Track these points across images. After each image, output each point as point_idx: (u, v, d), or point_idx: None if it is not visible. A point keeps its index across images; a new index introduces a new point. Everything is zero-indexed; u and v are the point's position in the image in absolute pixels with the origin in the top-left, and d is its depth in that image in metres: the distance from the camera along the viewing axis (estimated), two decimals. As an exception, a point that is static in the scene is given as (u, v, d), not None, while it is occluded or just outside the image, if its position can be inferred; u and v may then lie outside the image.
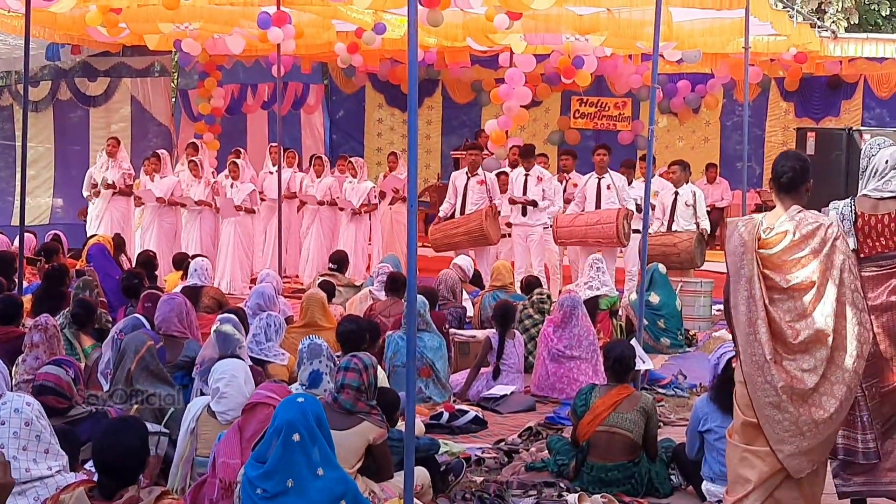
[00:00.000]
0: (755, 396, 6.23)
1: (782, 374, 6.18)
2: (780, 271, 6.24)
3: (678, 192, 15.67)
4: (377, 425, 6.85)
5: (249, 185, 18.29)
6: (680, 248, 15.08)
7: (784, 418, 6.20)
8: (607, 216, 15.10)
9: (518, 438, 9.26)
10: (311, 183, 19.17)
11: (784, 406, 6.18)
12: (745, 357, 6.26)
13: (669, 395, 11.16)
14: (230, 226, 18.01)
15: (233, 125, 23.53)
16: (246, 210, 18.06)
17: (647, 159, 11.18)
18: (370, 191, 18.66)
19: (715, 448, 7.61)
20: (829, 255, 6.19)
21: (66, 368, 7.10)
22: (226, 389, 6.95)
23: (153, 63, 23.27)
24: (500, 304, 11.52)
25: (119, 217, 18.28)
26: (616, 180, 15.59)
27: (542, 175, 16.23)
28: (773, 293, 6.24)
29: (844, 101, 22.55)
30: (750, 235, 6.23)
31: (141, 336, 8.41)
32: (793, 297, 6.23)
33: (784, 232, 6.26)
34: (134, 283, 12.10)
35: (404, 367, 8.79)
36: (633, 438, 7.86)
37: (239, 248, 18.00)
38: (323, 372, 7.44)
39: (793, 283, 6.22)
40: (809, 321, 6.19)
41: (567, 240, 15.61)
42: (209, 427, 6.93)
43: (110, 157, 18.25)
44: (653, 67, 11.51)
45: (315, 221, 18.96)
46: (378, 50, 20.21)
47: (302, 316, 11.39)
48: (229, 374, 7.03)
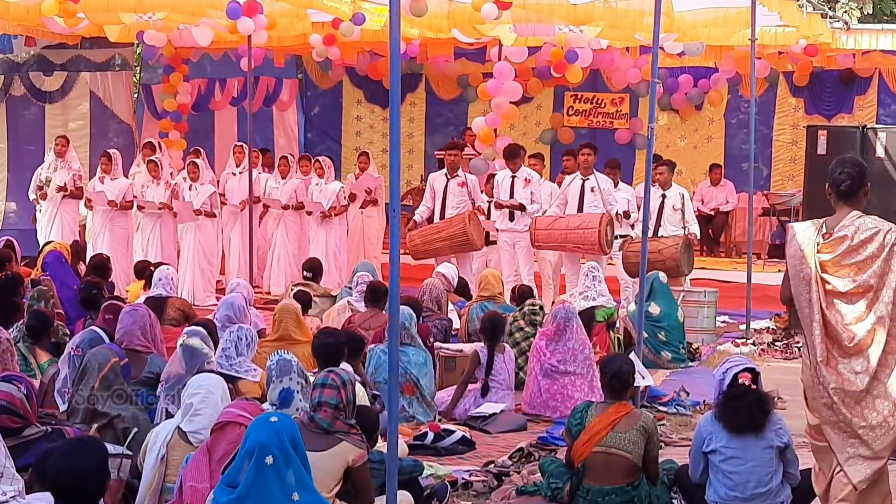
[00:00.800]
0: (812, 398, 6.84)
1: (833, 375, 6.69)
2: (839, 275, 6.76)
3: (665, 195, 15.72)
4: (356, 446, 6.83)
5: (209, 188, 18.23)
6: (665, 255, 15.10)
7: (839, 420, 6.70)
8: (589, 221, 15.10)
9: (508, 460, 9.25)
10: (276, 185, 19.14)
11: (837, 408, 6.69)
12: (805, 359, 6.88)
13: (671, 413, 11.16)
14: (190, 231, 17.98)
15: (199, 123, 23.47)
16: (206, 214, 18.01)
17: (646, 160, 11.18)
18: (339, 192, 18.63)
19: (720, 470, 7.62)
20: (886, 260, 6.69)
21: (17, 385, 7.05)
22: (200, 406, 6.92)
23: (114, 56, 23.22)
24: (488, 316, 11.51)
25: (70, 221, 18.30)
26: (601, 183, 15.58)
27: (531, 177, 16.22)
28: (832, 297, 6.76)
29: (858, 97, 22.59)
30: (809, 240, 6.82)
31: (104, 352, 8.37)
32: (850, 301, 6.73)
33: (843, 237, 6.78)
34: (93, 293, 12.07)
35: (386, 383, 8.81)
36: (632, 460, 7.86)
37: (200, 256, 17.95)
38: (294, 390, 7.40)
39: (850, 287, 6.72)
40: (865, 324, 6.68)
41: (545, 243, 15.58)
42: (179, 452, 6.88)
43: (59, 157, 18.22)
44: (652, 61, 11.52)
45: (280, 227, 18.94)
46: (356, 42, 20.19)
47: (275, 329, 11.36)
48: (205, 389, 7.01)
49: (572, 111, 24.51)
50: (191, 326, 9.34)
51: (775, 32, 18.64)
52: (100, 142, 22.71)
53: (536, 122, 24.59)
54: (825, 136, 16.18)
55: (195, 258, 17.87)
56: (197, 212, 17.84)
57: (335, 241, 18.73)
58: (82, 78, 23.12)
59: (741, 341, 14.89)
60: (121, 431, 7.84)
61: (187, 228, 18.02)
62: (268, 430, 5.64)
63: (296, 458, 5.66)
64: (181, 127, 22.36)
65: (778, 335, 15.49)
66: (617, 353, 10.83)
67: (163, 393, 8.44)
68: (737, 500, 7.59)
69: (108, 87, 23.30)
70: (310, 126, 26.17)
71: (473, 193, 16.21)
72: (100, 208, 17.84)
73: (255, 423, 5.77)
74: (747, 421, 7.60)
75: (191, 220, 17.83)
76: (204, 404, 6.93)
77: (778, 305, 16.71)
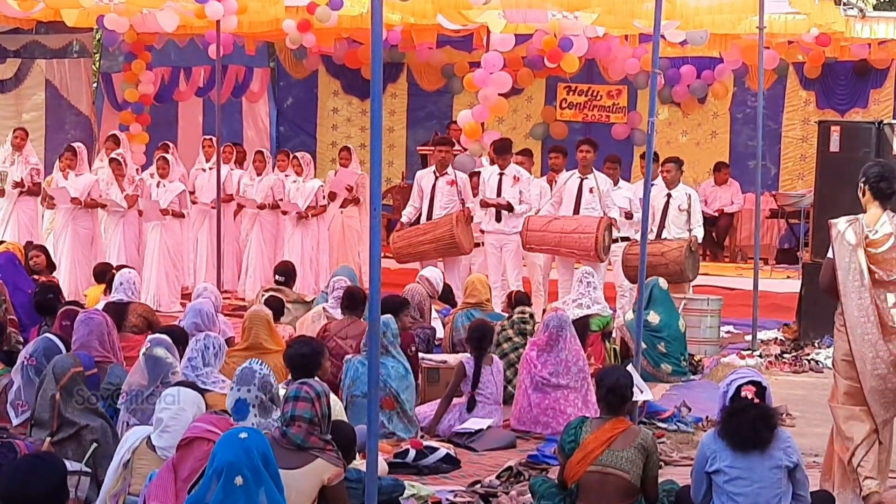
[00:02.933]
0: (864, 370, 8.54)
1: (890, 347, 8.54)
2: (884, 267, 8.59)
3: (671, 195, 15.69)
4: (332, 463, 6.83)
5: (178, 185, 18.17)
6: (668, 259, 15.12)
7: (888, 389, 8.56)
8: (587, 225, 15.05)
9: (496, 480, 9.25)
10: (250, 182, 19.10)
11: (889, 377, 8.54)
12: (856, 337, 8.55)
13: (671, 430, 11.17)
14: (155, 232, 17.89)
15: (162, 115, 23.47)
16: (174, 214, 17.96)
17: (646, 157, 11.20)
18: (318, 190, 18.60)
19: (724, 491, 7.63)
20: None
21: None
22: (171, 422, 6.93)
23: (71, 42, 23.23)
24: (475, 325, 11.50)
25: (27, 220, 18.10)
26: (601, 183, 15.51)
27: (520, 175, 16.20)
28: (878, 286, 8.58)
29: (873, 91, 22.68)
30: (858, 235, 8.59)
31: (66, 360, 8.35)
32: (892, 289, 8.59)
33: (889, 234, 8.59)
34: (48, 297, 12.06)
35: (364, 397, 8.82)
36: (629, 480, 7.87)
37: (166, 258, 17.86)
38: (250, 403, 7.38)
39: (893, 277, 8.59)
40: None
41: (537, 246, 15.52)
42: (146, 460, 6.90)
43: (16, 151, 18.08)
44: (653, 50, 11.54)
45: (255, 228, 18.90)
46: (333, 28, 20.21)
47: (244, 337, 11.35)
48: (177, 406, 7.01)
49: (566, 104, 24.54)
50: (155, 334, 9.32)
51: (785, 20, 18.70)
52: (56, 134, 22.72)
53: (527, 116, 24.62)
54: (838, 133, 16.21)
55: (160, 261, 17.75)
56: (164, 211, 17.76)
57: (311, 244, 18.69)
58: (37, 65, 23.13)
59: (747, 353, 14.87)
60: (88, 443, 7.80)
61: (153, 228, 17.92)
62: (237, 448, 5.64)
63: (267, 478, 5.66)
64: (143, 119, 22.36)
65: (786, 346, 15.51)
66: (613, 366, 10.86)
67: (123, 405, 8.44)
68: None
69: (65, 75, 23.31)
70: (282, 119, 26.15)
71: (464, 193, 16.12)
72: (62, 206, 17.66)
73: (224, 440, 5.77)
74: (751, 437, 7.59)
75: (157, 219, 17.73)
76: (174, 421, 6.94)
77: (787, 315, 16.84)
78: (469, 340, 11.28)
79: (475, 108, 18.42)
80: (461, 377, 10.99)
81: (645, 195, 11.44)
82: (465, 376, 10.97)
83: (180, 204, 18.05)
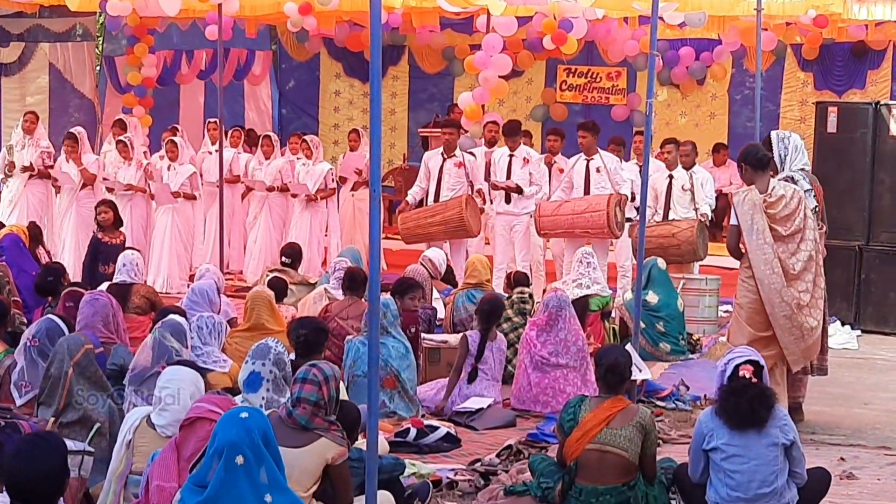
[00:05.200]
0: (773, 313, 10.25)
1: (791, 292, 10.24)
2: (782, 223, 10.29)
3: (672, 176, 15.68)
4: (336, 443, 6.83)
5: (189, 168, 18.16)
6: (680, 239, 15.10)
7: (793, 326, 10.28)
8: (597, 203, 15.04)
9: (496, 458, 9.27)
10: (258, 166, 19.09)
11: (794, 317, 10.25)
12: (766, 286, 10.24)
13: (670, 408, 11.20)
14: (166, 214, 17.87)
15: (164, 97, 23.46)
16: (185, 196, 17.93)
17: (645, 137, 11.20)
18: (327, 173, 18.60)
19: (722, 469, 7.64)
20: (804, 211, 10.38)
21: (-35, 377, 7.05)
22: (169, 402, 6.93)
23: (75, 26, 23.23)
24: (486, 298, 11.53)
25: (37, 203, 18.13)
26: (607, 162, 15.48)
27: (530, 156, 16.20)
28: (778, 240, 10.28)
29: (871, 72, 22.63)
30: (757, 202, 10.28)
31: (78, 337, 8.35)
32: (789, 242, 10.32)
33: (782, 196, 10.34)
34: (49, 280, 12.07)
35: (365, 376, 8.81)
36: (627, 458, 7.87)
37: (177, 240, 17.87)
38: (264, 377, 7.49)
39: (789, 231, 10.31)
40: (800, 256, 10.33)
41: (551, 231, 15.50)
42: (147, 439, 6.91)
43: (27, 135, 18.08)
44: (651, 32, 11.53)
45: (263, 210, 18.92)
46: (334, 11, 20.17)
47: (246, 318, 11.38)
48: (175, 384, 7.01)
49: (565, 86, 24.53)
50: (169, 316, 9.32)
51: (783, 2, 18.64)
52: (60, 117, 22.74)
53: (527, 98, 24.60)
54: (836, 114, 16.22)
55: (171, 243, 17.77)
56: (175, 194, 17.76)
57: (319, 226, 18.69)
58: (41, 49, 23.13)
59: (744, 332, 14.85)
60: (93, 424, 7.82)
61: (163, 211, 17.91)
62: (238, 428, 5.63)
63: (268, 457, 5.66)
64: (145, 102, 22.37)
65: (784, 325, 15.49)
66: (612, 345, 10.85)
67: (129, 386, 8.45)
68: (739, 501, 7.60)
69: (68, 58, 23.32)
70: (284, 101, 26.12)
71: (472, 175, 16.07)
72: (66, 188, 17.74)
73: (224, 419, 5.77)
74: (749, 416, 7.61)
75: (169, 202, 17.73)
76: (172, 399, 6.94)
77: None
78: (479, 312, 11.31)
79: (476, 91, 18.39)
80: (465, 351, 11.00)
81: (643, 177, 11.45)
82: (468, 350, 10.98)
83: (191, 186, 18.01)
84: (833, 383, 12.76)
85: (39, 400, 8.08)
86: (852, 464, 9.57)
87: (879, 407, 11.78)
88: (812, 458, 8.35)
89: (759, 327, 10.41)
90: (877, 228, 15.85)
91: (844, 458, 9.69)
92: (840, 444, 10.23)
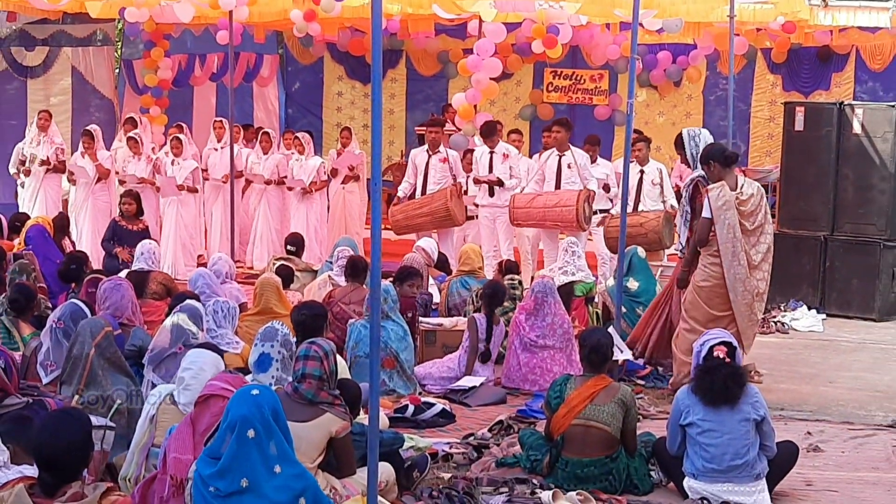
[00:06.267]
0: (736, 300, 10.44)
1: (752, 281, 10.46)
2: (748, 218, 10.42)
3: (643, 171, 15.67)
4: (340, 417, 6.87)
5: (192, 163, 18.19)
6: (647, 229, 15.10)
7: (751, 313, 10.58)
8: (567, 198, 15.00)
9: (488, 432, 9.28)
10: (257, 160, 19.11)
11: (752, 304, 10.53)
12: (731, 275, 10.40)
13: (649, 386, 11.21)
14: (172, 206, 17.94)
15: (179, 98, 23.43)
16: (188, 189, 17.98)
17: (625, 135, 11.20)
18: (319, 167, 18.60)
19: (697, 442, 7.67)
20: (765, 207, 10.59)
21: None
22: (192, 381, 6.95)
23: (95, 31, 23.18)
24: (490, 283, 11.62)
25: (54, 196, 18.23)
26: (578, 158, 15.45)
27: (509, 152, 16.19)
28: (745, 234, 10.41)
29: (835, 74, 22.60)
30: (729, 198, 10.33)
31: (99, 320, 8.36)
32: (752, 235, 10.47)
33: (751, 195, 10.43)
34: (72, 268, 12.10)
35: (367, 357, 8.83)
36: (610, 432, 7.90)
37: (182, 230, 17.90)
38: (273, 357, 7.56)
39: (754, 225, 10.46)
40: (760, 248, 10.54)
41: (524, 221, 15.47)
42: (169, 415, 6.93)
43: (41, 132, 18.13)
44: (632, 37, 11.54)
45: (262, 202, 18.91)
46: (337, 18, 20.14)
47: (256, 302, 11.41)
48: (197, 365, 7.03)
49: (552, 87, 24.49)
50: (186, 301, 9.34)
51: (754, 9, 18.64)
52: (81, 116, 22.70)
53: (516, 98, 24.58)
54: (803, 113, 16.21)
55: (177, 233, 17.82)
56: (180, 187, 17.81)
57: (316, 217, 18.70)
58: (64, 53, 23.08)
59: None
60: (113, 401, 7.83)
61: (169, 203, 17.96)
62: (249, 404, 5.65)
63: (277, 431, 5.67)
64: (162, 102, 22.33)
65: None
66: (596, 328, 10.85)
67: (148, 365, 8.46)
68: (713, 472, 7.64)
69: (89, 62, 23.27)
70: (290, 102, 26.09)
71: (455, 169, 16.17)
72: (82, 181, 17.78)
73: (237, 396, 5.78)
74: (722, 394, 7.64)
75: (173, 194, 17.79)
76: (195, 380, 6.95)
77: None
78: (482, 297, 11.38)
79: (469, 92, 18.37)
80: (475, 330, 11.03)
81: (624, 170, 11.47)
82: (478, 331, 11.01)
83: (194, 180, 18.07)
84: (800, 363, 12.81)
85: (62, 379, 8.11)
86: (818, 437, 9.60)
87: (843, 385, 11.77)
88: (781, 432, 8.37)
89: (718, 308, 10.52)
90: (841, 220, 15.84)
91: (811, 433, 9.71)
92: (807, 420, 10.23)
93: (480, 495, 7.63)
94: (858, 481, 8.49)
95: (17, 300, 10.18)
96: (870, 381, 12.04)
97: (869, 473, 8.70)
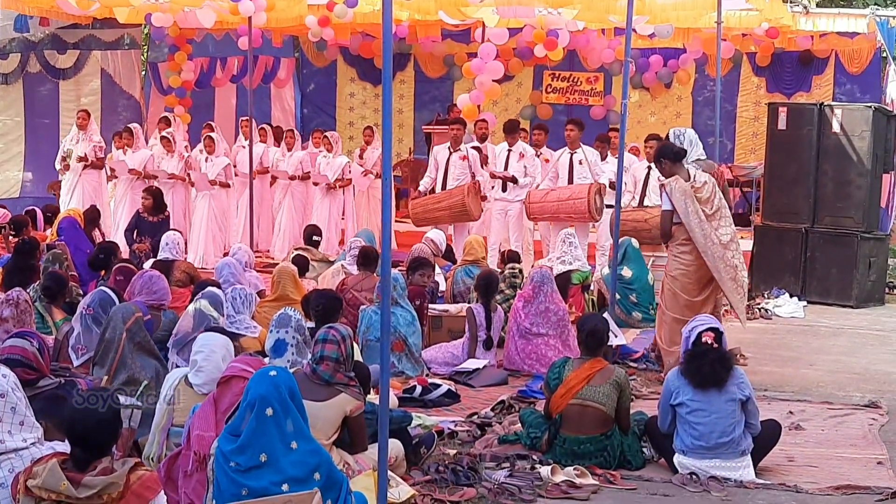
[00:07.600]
0: (721, 277, 10.35)
1: (727, 256, 10.35)
2: (705, 205, 10.35)
3: (651, 168, 15.62)
4: (354, 398, 6.87)
5: (224, 159, 18.29)
6: (651, 224, 15.01)
7: (737, 285, 10.50)
8: (579, 192, 15.07)
9: (491, 412, 9.29)
10: (282, 157, 19.14)
11: (735, 276, 10.44)
12: (710, 255, 10.28)
13: (641, 368, 11.20)
14: (204, 200, 17.99)
15: (201, 99, 23.45)
16: (220, 184, 18.07)
17: (620, 134, 11.20)
18: (345, 165, 18.67)
19: (687, 421, 7.67)
20: (719, 193, 10.50)
21: (30, 340, 7.04)
22: (203, 363, 6.95)
23: (123, 36, 23.19)
24: (483, 274, 11.54)
25: (91, 190, 18.33)
26: (588, 155, 15.57)
27: (525, 151, 16.17)
28: (707, 219, 10.29)
29: (816, 77, 22.54)
30: (688, 186, 10.31)
31: (130, 307, 8.37)
32: (713, 219, 10.36)
33: (705, 182, 10.42)
34: (101, 257, 12.11)
35: (378, 341, 8.83)
36: (605, 412, 7.90)
37: (213, 223, 18.00)
38: (288, 343, 7.56)
39: (713, 210, 10.38)
40: (725, 230, 10.41)
41: (539, 216, 15.57)
42: (186, 396, 6.93)
43: (81, 130, 18.28)
44: (626, 42, 11.54)
45: (287, 196, 18.95)
46: (350, 23, 20.15)
47: (273, 289, 11.41)
48: (208, 348, 7.03)
49: (550, 89, 24.45)
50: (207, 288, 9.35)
51: (739, 15, 18.62)
52: (110, 116, 22.73)
53: (517, 99, 24.53)
54: (785, 113, 16.21)
55: (208, 225, 17.92)
56: (212, 182, 17.89)
57: (337, 211, 18.81)
58: (94, 56, 23.09)
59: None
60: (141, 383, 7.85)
61: (201, 197, 18.06)
62: (267, 384, 5.65)
63: (294, 409, 5.67)
64: (185, 102, 22.38)
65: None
66: (592, 314, 10.84)
67: (172, 349, 8.47)
68: (701, 449, 7.65)
69: (117, 64, 23.29)
70: (306, 102, 26.06)
71: (474, 167, 16.08)
72: (122, 178, 17.96)
73: (255, 377, 5.78)
74: (710, 377, 7.65)
75: (206, 189, 17.93)
76: (206, 362, 6.95)
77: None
78: (477, 288, 11.34)
79: (472, 93, 18.38)
80: (474, 322, 11.01)
81: (619, 167, 11.50)
82: (476, 321, 10.99)
83: (226, 175, 18.16)
84: (783, 347, 12.81)
85: (94, 361, 8.11)
86: (800, 416, 9.59)
87: (823, 368, 11.77)
88: (765, 411, 8.36)
89: (692, 294, 10.45)
90: (821, 213, 15.85)
91: (793, 412, 9.71)
92: (789, 400, 10.23)
93: (484, 470, 7.63)
94: (837, 457, 8.49)
95: (49, 287, 10.18)
96: (848, 363, 12.06)
97: (847, 450, 8.69)
